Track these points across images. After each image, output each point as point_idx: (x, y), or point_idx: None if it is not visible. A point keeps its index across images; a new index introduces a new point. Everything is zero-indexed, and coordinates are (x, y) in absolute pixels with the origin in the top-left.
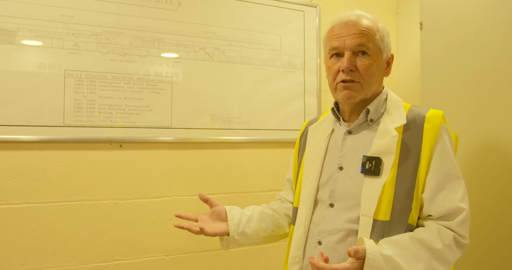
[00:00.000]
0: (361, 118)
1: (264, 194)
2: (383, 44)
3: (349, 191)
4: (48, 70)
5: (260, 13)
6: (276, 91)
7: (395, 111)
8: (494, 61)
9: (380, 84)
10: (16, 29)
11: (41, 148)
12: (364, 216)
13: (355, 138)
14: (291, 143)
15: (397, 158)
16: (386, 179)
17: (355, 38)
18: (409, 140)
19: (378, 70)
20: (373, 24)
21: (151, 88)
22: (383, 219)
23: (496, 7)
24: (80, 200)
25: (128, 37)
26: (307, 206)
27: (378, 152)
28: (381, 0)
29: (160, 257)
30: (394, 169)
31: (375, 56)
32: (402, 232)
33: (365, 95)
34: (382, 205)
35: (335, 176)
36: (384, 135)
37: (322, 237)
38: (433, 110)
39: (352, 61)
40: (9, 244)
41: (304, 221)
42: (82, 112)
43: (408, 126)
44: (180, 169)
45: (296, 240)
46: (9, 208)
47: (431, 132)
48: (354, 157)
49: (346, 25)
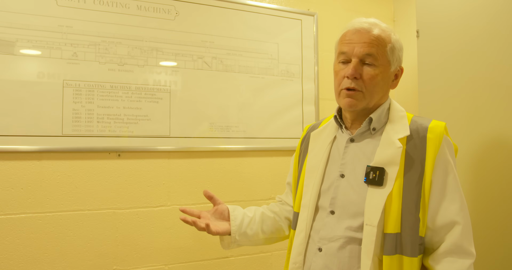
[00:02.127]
0: (363, 126)
1: (263, 202)
2: (392, 56)
3: (350, 199)
4: (46, 80)
5: (257, 22)
6: (274, 99)
7: (398, 121)
8: (491, 69)
9: (385, 95)
10: (15, 40)
11: (40, 158)
12: (368, 225)
13: (357, 146)
14: (289, 151)
15: (402, 169)
16: (390, 190)
17: (364, 47)
18: (412, 151)
19: (384, 81)
20: (385, 35)
21: (150, 97)
22: (394, 232)
23: (493, 15)
24: (79, 209)
25: (126, 46)
26: (308, 212)
27: (382, 162)
28: (378, 8)
29: (159, 266)
30: (399, 180)
31: (382, 67)
32: (415, 243)
33: (367, 105)
34: (391, 217)
35: (336, 184)
36: (387, 145)
37: (322, 243)
38: (436, 121)
39: (357, 68)
40: (8, 254)
41: (305, 227)
42: (80, 121)
43: (411, 136)
44: (178, 178)
45: (296, 246)
46: (8, 219)
47: (434, 142)
48: (356, 165)
49: (358, 32)
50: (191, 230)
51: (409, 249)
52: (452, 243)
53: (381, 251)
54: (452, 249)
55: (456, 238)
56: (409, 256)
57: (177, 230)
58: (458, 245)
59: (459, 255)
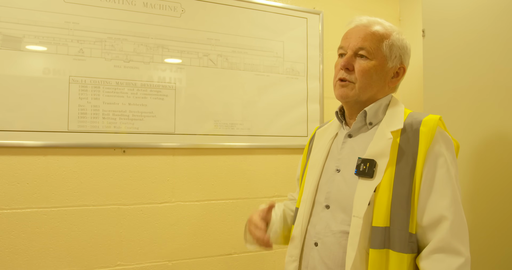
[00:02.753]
0: (358, 120)
1: (267, 200)
2: (390, 52)
3: (343, 193)
4: (52, 76)
5: (263, 20)
6: (279, 97)
7: (394, 116)
8: (497, 68)
9: (381, 90)
10: (22, 36)
11: (45, 154)
12: (355, 217)
13: (354, 141)
14: (294, 149)
15: (394, 162)
16: (379, 181)
17: (357, 41)
18: (405, 144)
19: (378, 76)
20: (384, 31)
21: (155, 94)
22: (383, 225)
23: (499, 14)
24: (84, 205)
25: (132, 43)
26: (306, 207)
27: (373, 154)
28: (384, 8)
29: (163, 263)
30: (390, 173)
31: (375, 60)
32: (405, 239)
33: (359, 97)
34: (379, 210)
35: (332, 178)
36: (380, 138)
37: (318, 238)
38: (431, 115)
39: (350, 60)
40: (13, 249)
41: (301, 221)
42: (86, 117)
43: (404, 130)
44: (183, 174)
45: (293, 239)
46: (13, 213)
47: (427, 135)
48: (350, 160)
49: (356, 27)
50: (194, 226)
51: (398, 244)
52: (440, 239)
53: (368, 244)
54: (440, 246)
55: (443, 234)
56: (397, 251)
57: (181, 226)
58: (446, 241)
59: (447, 253)
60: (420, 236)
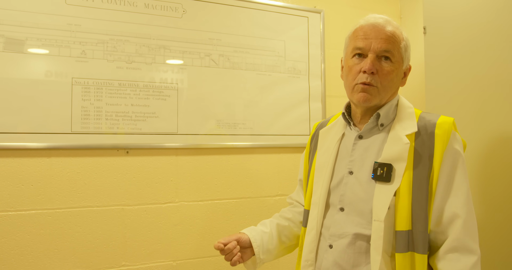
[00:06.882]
0: (371, 122)
1: (270, 199)
2: (405, 54)
3: (358, 196)
4: (55, 78)
5: (264, 20)
6: (281, 96)
7: (406, 118)
8: (499, 65)
9: (396, 92)
10: (24, 38)
11: (49, 155)
12: (376, 221)
13: (366, 142)
14: (296, 148)
15: (410, 166)
16: (398, 186)
17: (381, 43)
18: (421, 147)
19: (397, 78)
20: (399, 32)
21: (157, 95)
22: (405, 229)
23: (500, 11)
24: (88, 206)
25: (134, 44)
26: (319, 209)
27: (390, 159)
28: (385, 5)
29: (167, 263)
30: (408, 177)
31: (397, 63)
32: (425, 240)
33: (380, 101)
34: (401, 214)
35: (345, 181)
36: (395, 142)
37: (333, 240)
38: (444, 117)
39: (375, 63)
40: (18, 250)
41: (315, 224)
42: (89, 119)
43: (419, 133)
44: (186, 175)
45: (308, 243)
46: (18, 215)
47: (442, 138)
48: (364, 162)
49: (374, 27)
50: (199, 226)
51: (421, 246)
52: (454, 238)
53: (392, 248)
54: (455, 245)
55: (458, 233)
56: (420, 253)
57: (185, 226)
58: (461, 240)
59: (462, 252)
60: (433, 234)
